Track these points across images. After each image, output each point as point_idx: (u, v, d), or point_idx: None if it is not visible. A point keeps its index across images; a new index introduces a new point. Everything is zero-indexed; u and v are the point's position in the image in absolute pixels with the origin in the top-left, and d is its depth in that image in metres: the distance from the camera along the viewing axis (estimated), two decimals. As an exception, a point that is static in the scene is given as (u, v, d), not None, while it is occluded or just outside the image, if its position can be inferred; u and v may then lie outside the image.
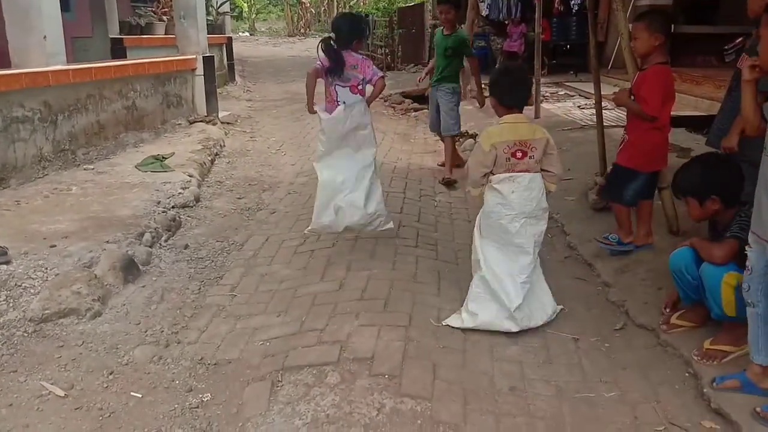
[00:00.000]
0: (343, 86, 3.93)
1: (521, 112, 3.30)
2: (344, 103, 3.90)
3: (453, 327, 3.17)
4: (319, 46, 3.89)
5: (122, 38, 9.97)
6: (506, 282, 3.12)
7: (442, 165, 6.48)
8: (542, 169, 3.24)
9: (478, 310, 3.15)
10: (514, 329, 3.09)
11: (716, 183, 2.82)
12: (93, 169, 5.74)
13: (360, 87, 3.98)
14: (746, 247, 2.43)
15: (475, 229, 3.31)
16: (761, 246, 2.33)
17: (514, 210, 3.13)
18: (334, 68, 3.86)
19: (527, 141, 3.17)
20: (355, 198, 3.93)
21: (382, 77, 4.00)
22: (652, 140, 3.73)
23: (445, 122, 6.26)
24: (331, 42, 3.89)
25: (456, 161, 6.35)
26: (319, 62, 3.91)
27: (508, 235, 3.15)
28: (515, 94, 3.29)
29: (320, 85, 4.01)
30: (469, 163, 3.47)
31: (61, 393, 2.69)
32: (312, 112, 4.02)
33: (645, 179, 3.79)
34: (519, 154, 3.16)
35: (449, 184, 6.01)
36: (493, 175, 3.19)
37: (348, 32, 3.95)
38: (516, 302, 3.08)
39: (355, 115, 3.89)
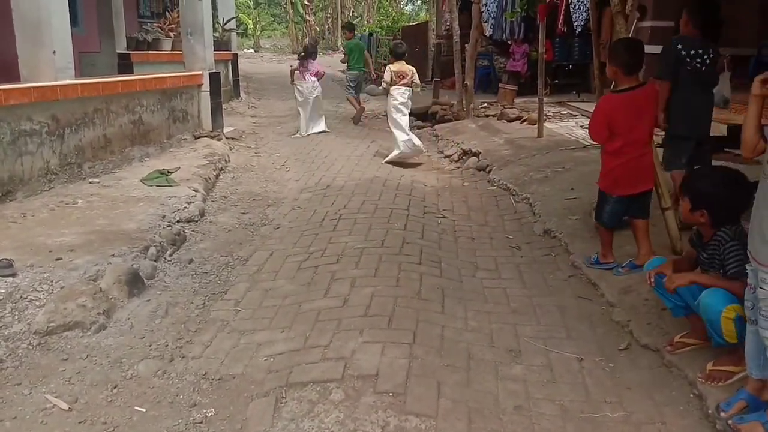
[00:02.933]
0: (308, 73, 9.55)
1: (404, 62, 7.86)
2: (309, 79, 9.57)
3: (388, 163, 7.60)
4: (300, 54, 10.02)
5: (129, 54, 10.06)
6: (405, 129, 7.72)
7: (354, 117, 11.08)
8: (412, 83, 7.75)
9: (398, 148, 7.65)
10: (409, 148, 7.65)
11: (717, 201, 2.78)
12: (99, 182, 5.77)
13: (313, 74, 9.60)
14: (747, 265, 2.44)
15: (389, 110, 7.81)
16: (753, 267, 2.36)
17: (400, 100, 7.66)
18: (302, 64, 9.66)
19: (404, 72, 7.71)
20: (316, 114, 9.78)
21: (324, 73, 9.97)
22: (609, 165, 3.92)
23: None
24: (302, 54, 9.86)
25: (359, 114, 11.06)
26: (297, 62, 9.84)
27: (401, 110, 7.67)
28: (398, 51, 8.04)
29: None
30: (384, 77, 7.93)
31: (65, 406, 2.69)
32: (292, 83, 9.77)
33: (615, 202, 3.90)
34: (401, 77, 7.68)
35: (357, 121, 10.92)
36: (391, 86, 7.68)
37: (310, 51, 9.87)
38: (409, 135, 7.73)
39: (313, 83, 9.58)
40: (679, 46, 4.36)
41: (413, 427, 2.51)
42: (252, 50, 35.28)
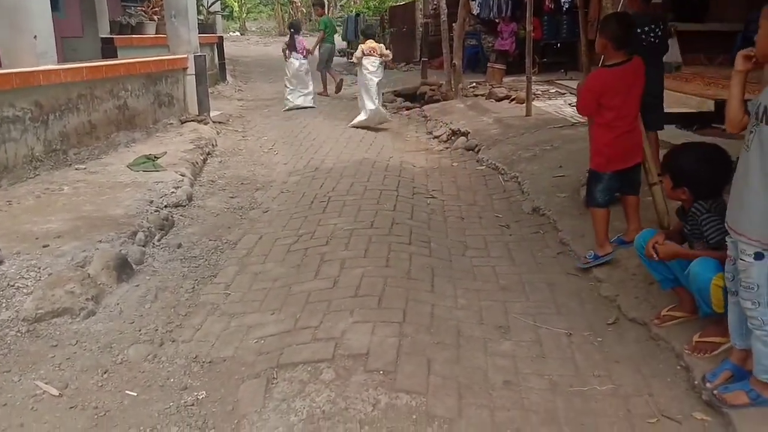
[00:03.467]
0: (296, 50, 10.29)
1: (375, 41, 9.07)
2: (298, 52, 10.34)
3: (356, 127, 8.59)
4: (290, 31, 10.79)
5: (113, 38, 9.92)
6: (373, 96, 8.57)
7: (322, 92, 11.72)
8: (381, 54, 8.78)
9: (365, 113, 8.63)
10: (375, 114, 8.67)
11: (696, 178, 2.81)
12: (85, 168, 5.72)
13: (301, 50, 10.34)
14: (727, 237, 2.47)
15: (359, 78, 8.87)
16: (733, 238, 2.39)
17: (370, 69, 8.61)
18: (291, 42, 10.36)
19: (373, 48, 8.76)
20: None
21: (310, 50, 10.69)
22: (601, 140, 3.83)
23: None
24: (292, 31, 10.60)
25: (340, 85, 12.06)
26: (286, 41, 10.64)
27: (372, 79, 8.57)
28: (368, 32, 9.84)
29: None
30: (355, 54, 9.05)
31: (56, 392, 2.69)
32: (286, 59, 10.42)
33: (609, 179, 3.84)
34: (371, 51, 8.73)
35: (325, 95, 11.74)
36: (365, 57, 8.66)
37: (296, 28, 10.69)
38: (376, 105, 8.68)
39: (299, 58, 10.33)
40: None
41: (404, 404, 2.53)
42: (238, 33, 34.83)
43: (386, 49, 9.39)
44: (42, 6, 5.75)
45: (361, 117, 8.72)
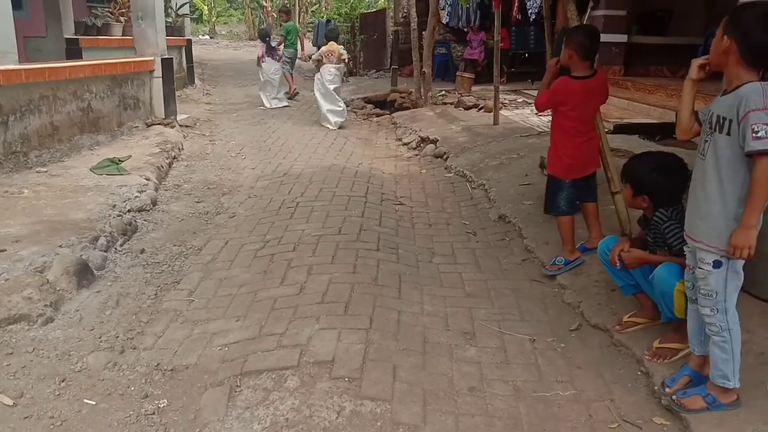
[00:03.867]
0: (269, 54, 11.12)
1: (337, 43, 9.72)
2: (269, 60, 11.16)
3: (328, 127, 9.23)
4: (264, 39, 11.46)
5: (78, 39, 9.71)
6: (327, 100, 9.38)
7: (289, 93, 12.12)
8: (339, 56, 9.48)
9: (329, 120, 9.30)
10: (330, 115, 9.34)
11: (656, 187, 2.89)
12: (46, 171, 5.58)
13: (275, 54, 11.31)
14: (685, 246, 2.53)
15: (316, 83, 9.54)
16: (691, 247, 2.46)
17: (327, 78, 9.31)
18: (269, 48, 11.20)
19: (333, 50, 9.43)
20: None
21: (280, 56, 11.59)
22: (564, 148, 3.89)
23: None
24: (267, 39, 11.33)
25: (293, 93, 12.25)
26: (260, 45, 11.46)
27: (326, 86, 9.28)
28: (330, 35, 10.09)
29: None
30: (314, 57, 10.33)
31: (10, 402, 2.60)
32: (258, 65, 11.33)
33: (570, 187, 3.91)
34: (330, 56, 9.41)
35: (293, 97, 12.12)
36: (323, 64, 9.40)
37: (264, 35, 11.41)
38: (330, 107, 9.37)
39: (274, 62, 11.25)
40: None
41: (368, 411, 2.53)
42: (207, 36, 34.47)
43: (354, 54, 10.23)
44: (2, 4, 5.61)
45: (321, 116, 9.58)
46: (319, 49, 11.45)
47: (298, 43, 12.92)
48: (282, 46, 11.75)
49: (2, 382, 2.74)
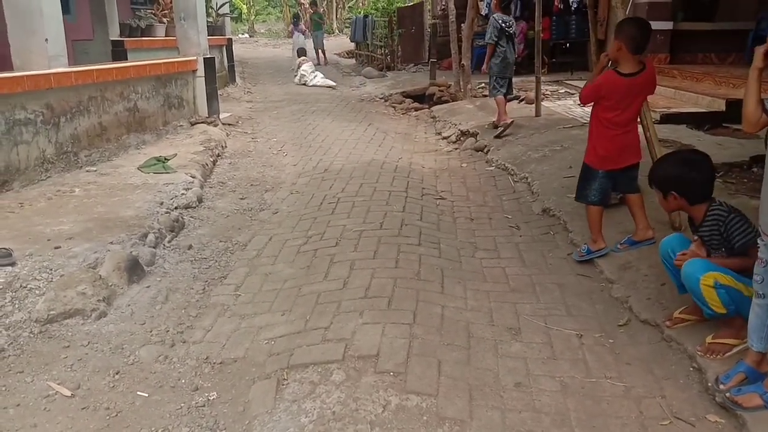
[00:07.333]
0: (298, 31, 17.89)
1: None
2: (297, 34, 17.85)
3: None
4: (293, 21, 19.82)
5: (123, 40, 9.99)
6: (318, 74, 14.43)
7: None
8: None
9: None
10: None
11: (679, 180, 2.83)
12: (96, 170, 5.76)
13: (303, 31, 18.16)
14: (758, 240, 2.42)
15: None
16: (766, 241, 2.34)
17: (309, 69, 14.33)
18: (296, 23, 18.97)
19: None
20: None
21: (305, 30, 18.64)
22: (599, 138, 3.86)
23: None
24: (295, 21, 19.56)
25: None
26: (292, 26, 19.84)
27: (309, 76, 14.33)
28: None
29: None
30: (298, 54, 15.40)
31: (68, 393, 2.70)
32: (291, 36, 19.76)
33: (603, 177, 3.86)
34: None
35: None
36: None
37: (295, 19, 19.81)
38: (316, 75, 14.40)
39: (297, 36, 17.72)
40: (500, 21, 7.43)
41: (414, 405, 2.53)
42: (247, 35, 34.91)
43: (392, 48, 10.90)
44: (53, 9, 5.80)
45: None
46: (356, 45, 11.62)
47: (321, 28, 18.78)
48: (305, 25, 17.83)
49: (60, 374, 2.85)
